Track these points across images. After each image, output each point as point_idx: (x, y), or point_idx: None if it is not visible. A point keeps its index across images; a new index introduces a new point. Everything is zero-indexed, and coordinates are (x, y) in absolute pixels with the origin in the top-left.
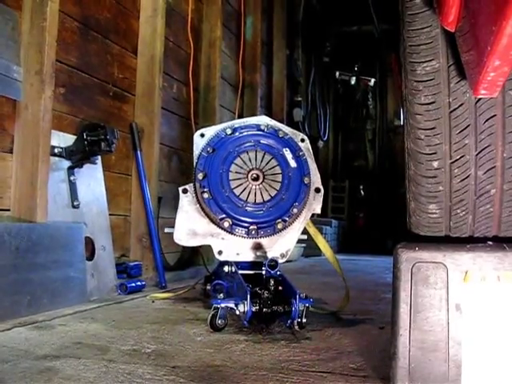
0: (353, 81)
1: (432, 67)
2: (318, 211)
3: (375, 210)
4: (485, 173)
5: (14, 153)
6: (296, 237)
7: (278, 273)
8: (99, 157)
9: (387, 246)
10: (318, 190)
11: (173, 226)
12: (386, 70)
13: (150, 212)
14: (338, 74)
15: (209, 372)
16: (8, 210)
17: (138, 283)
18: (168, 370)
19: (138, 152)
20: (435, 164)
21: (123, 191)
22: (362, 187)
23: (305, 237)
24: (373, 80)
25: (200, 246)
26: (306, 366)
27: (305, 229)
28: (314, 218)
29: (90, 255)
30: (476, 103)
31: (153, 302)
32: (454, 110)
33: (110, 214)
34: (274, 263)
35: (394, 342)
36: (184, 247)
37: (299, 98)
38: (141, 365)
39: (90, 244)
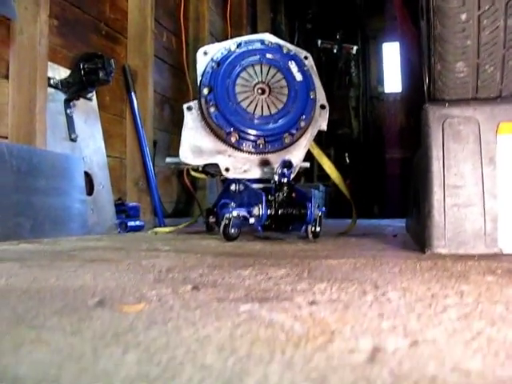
0: (335, 49)
1: None
2: (324, 128)
3: (361, 176)
4: None
5: (10, 78)
6: (303, 154)
7: (292, 176)
8: (94, 94)
9: (374, 211)
10: (323, 107)
11: (172, 156)
12: (368, 36)
13: (147, 155)
14: (319, 42)
15: (234, 254)
16: (6, 138)
17: (138, 223)
18: (190, 255)
19: (132, 94)
20: (463, 16)
21: (118, 133)
22: (347, 154)
23: (307, 164)
24: (355, 47)
25: (195, 193)
26: (327, 251)
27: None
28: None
29: (89, 191)
30: None
31: (155, 234)
32: None
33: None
34: (288, 163)
35: (428, 201)
36: (178, 197)
37: None
38: (159, 254)
39: (88, 179)
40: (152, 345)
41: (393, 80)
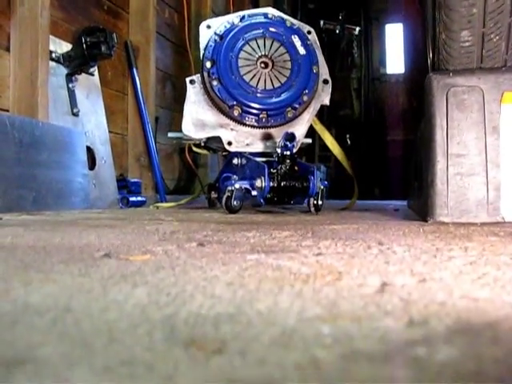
0: (337, 30)
1: None
2: (327, 102)
3: (362, 158)
4: None
5: (11, 51)
6: (305, 129)
7: (294, 150)
8: (96, 69)
9: (374, 193)
10: (326, 82)
11: (174, 130)
12: (371, 17)
13: (148, 130)
14: (322, 22)
15: (237, 223)
16: (7, 111)
17: (139, 198)
18: (194, 223)
19: (134, 70)
20: None
21: (120, 109)
22: (348, 136)
23: (309, 140)
24: (358, 28)
25: (197, 170)
26: (329, 221)
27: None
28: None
29: (91, 165)
30: None
31: (157, 208)
32: None
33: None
34: (291, 136)
35: (431, 170)
36: (180, 174)
37: None
38: (163, 222)
39: (90, 154)
40: (160, 283)
41: (395, 61)
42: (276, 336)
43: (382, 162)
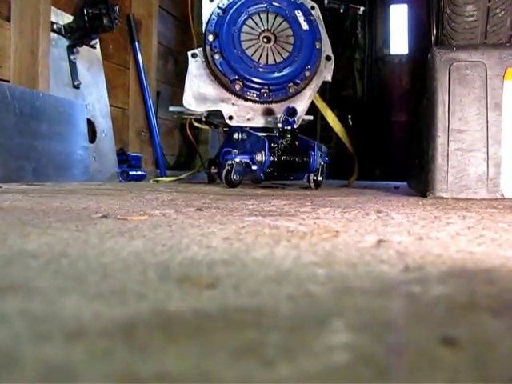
0: (342, 9)
1: None
2: (329, 79)
3: (363, 139)
4: None
5: (12, 21)
6: (307, 105)
7: (295, 126)
8: (98, 42)
9: (375, 173)
10: (328, 58)
11: (176, 105)
12: None
13: (150, 105)
14: (326, 1)
15: (236, 194)
16: (8, 81)
17: (139, 172)
18: (193, 194)
19: (136, 43)
20: None
21: (121, 83)
22: (350, 117)
23: (311, 117)
24: (362, 8)
25: (197, 147)
26: (327, 194)
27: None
28: None
29: (92, 138)
30: None
31: (157, 182)
32: None
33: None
34: (292, 110)
35: (432, 145)
36: (180, 150)
37: None
38: (162, 193)
39: (91, 127)
40: (157, 237)
41: (399, 42)
42: (270, 275)
43: (383, 143)
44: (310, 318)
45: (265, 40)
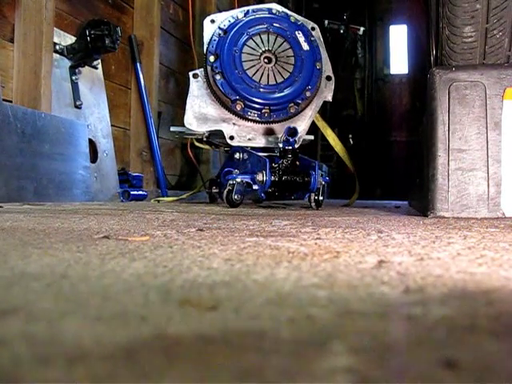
0: (342, 30)
1: None
2: (330, 99)
3: (364, 158)
4: None
5: (16, 42)
6: (307, 125)
7: (296, 145)
8: (100, 62)
9: (376, 192)
10: (329, 78)
11: (177, 125)
12: (375, 18)
13: (151, 125)
14: (326, 22)
15: (237, 214)
16: (10, 102)
17: (141, 192)
18: (194, 214)
19: (138, 64)
20: None
21: (123, 103)
22: (351, 136)
23: (312, 137)
24: (362, 28)
25: (199, 167)
26: (328, 214)
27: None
28: None
29: (93, 158)
30: None
31: (158, 202)
32: None
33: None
34: (293, 130)
35: (432, 164)
36: (181, 170)
37: None
38: (163, 213)
39: (92, 147)
40: (158, 258)
41: (399, 62)
42: (271, 297)
43: (384, 163)
44: (310, 341)
45: (266, 60)
